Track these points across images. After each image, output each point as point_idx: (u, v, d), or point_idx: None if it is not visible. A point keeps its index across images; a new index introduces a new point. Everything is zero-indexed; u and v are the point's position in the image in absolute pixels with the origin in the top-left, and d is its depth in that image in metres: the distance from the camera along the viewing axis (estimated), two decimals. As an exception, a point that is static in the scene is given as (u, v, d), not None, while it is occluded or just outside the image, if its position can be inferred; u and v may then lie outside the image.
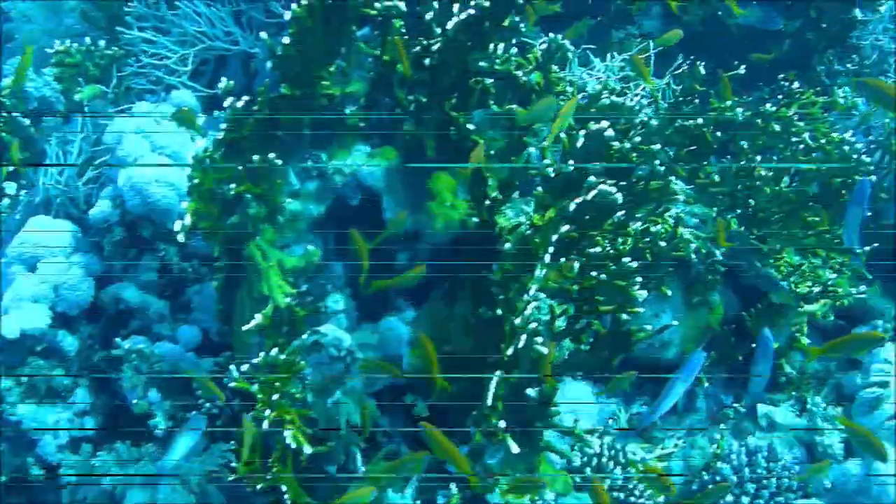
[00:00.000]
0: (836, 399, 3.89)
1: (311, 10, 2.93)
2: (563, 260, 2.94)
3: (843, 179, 3.65)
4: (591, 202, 2.72)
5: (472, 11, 2.89)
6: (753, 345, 3.69)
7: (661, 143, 3.67)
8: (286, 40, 2.94)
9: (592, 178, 2.81)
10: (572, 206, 2.73)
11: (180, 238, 2.93)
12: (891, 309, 3.99)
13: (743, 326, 3.77)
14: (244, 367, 2.98)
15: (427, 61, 3.00)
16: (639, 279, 2.89)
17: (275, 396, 2.86)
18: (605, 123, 2.79)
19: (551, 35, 3.61)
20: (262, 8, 3.93)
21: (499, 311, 2.85)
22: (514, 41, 3.79)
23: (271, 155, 3.03)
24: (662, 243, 3.14)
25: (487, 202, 3.10)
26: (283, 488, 2.85)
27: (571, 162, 2.78)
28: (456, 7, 3.05)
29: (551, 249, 2.77)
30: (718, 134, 3.68)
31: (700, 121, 3.58)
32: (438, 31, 2.98)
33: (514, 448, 2.84)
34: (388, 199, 3.29)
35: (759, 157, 3.63)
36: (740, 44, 4.35)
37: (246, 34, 3.94)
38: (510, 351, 2.75)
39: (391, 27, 3.33)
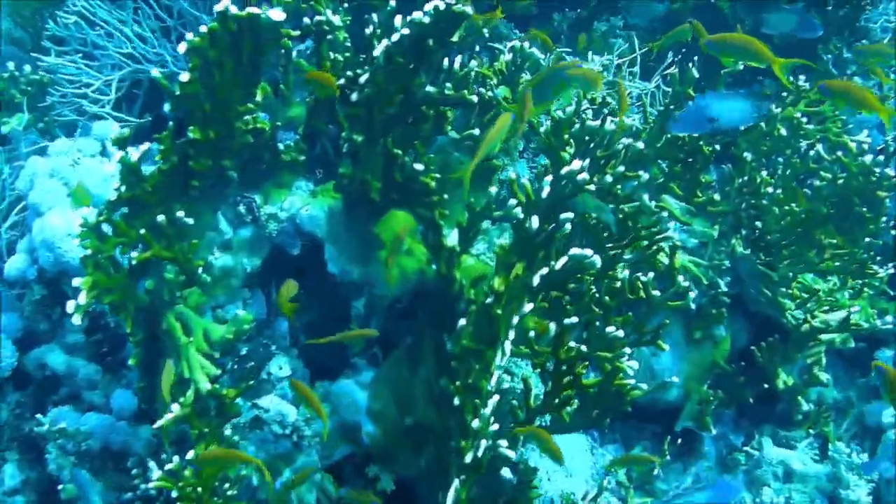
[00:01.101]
0: (860, 432, 3.18)
1: (213, 40, 2.20)
2: (533, 331, 2.23)
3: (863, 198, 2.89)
4: (562, 271, 2.00)
5: (405, 32, 2.15)
6: (766, 385, 3.00)
7: (652, 157, 2.95)
8: (185, 77, 2.22)
9: (568, 227, 2.09)
10: (536, 280, 2.01)
11: (76, 321, 2.24)
12: (920, 328, 3.26)
13: (753, 360, 3.05)
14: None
15: (354, 96, 2.28)
16: (627, 351, 2.18)
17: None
18: (576, 164, 2.05)
19: (516, 43, 2.87)
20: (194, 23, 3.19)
21: (456, 401, 2.14)
22: (476, 49, 3.09)
23: (180, 213, 2.32)
24: (657, 292, 2.42)
25: (445, 253, 2.39)
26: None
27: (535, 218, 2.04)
28: (398, 20, 2.34)
29: (512, 334, 2.05)
30: (717, 147, 2.92)
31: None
32: (379, 55, 2.25)
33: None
34: (331, 249, 2.59)
35: (764, 172, 2.87)
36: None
37: (178, 54, 3.21)
38: (469, 457, 2.04)
39: (328, 45, 2.62)
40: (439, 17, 2.19)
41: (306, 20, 2.57)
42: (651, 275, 2.41)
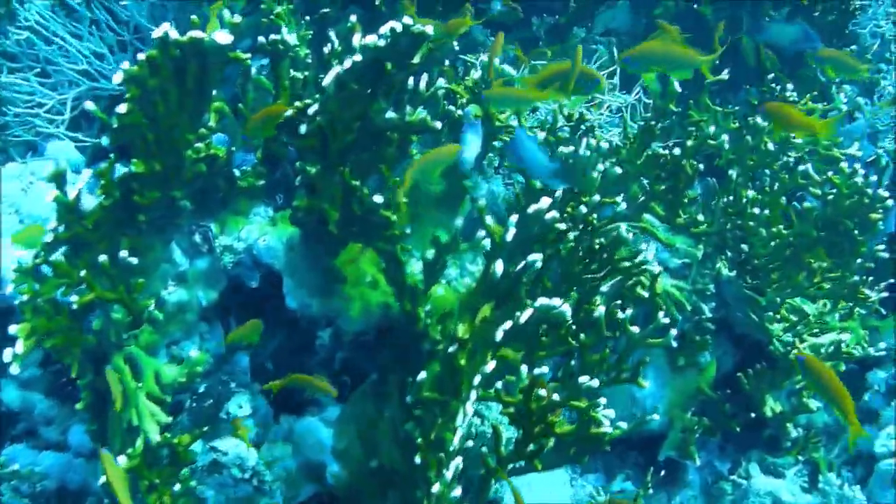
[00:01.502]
0: (852, 459, 2.98)
1: (154, 68, 1.99)
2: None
3: (857, 221, 2.67)
4: (528, 323, 1.79)
5: (357, 59, 1.94)
6: (752, 414, 2.80)
7: (633, 174, 2.74)
8: (123, 108, 2.01)
9: (538, 264, 1.89)
10: (500, 335, 1.81)
11: (14, 370, 2.04)
12: (913, 350, 3.04)
13: (739, 386, 2.84)
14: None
15: (303, 128, 2.06)
16: (602, 400, 1.98)
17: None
18: (544, 203, 1.85)
19: (485, 59, 2.66)
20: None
21: (417, 459, 1.94)
22: (446, 63, 2.88)
23: (124, 253, 2.11)
24: (635, 329, 2.22)
25: (408, 290, 2.18)
26: None
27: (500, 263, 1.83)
28: (356, 38, 2.13)
29: (474, 395, 1.84)
30: (701, 166, 2.70)
31: (677, 151, 2.61)
32: (329, 84, 2.03)
33: None
34: (289, 282, 2.38)
35: (750, 192, 2.66)
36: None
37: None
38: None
39: (289, 62, 2.41)
40: (396, 39, 1.98)
41: (262, 39, 2.36)
42: (629, 311, 2.20)
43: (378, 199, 2.13)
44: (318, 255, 2.34)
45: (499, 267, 1.82)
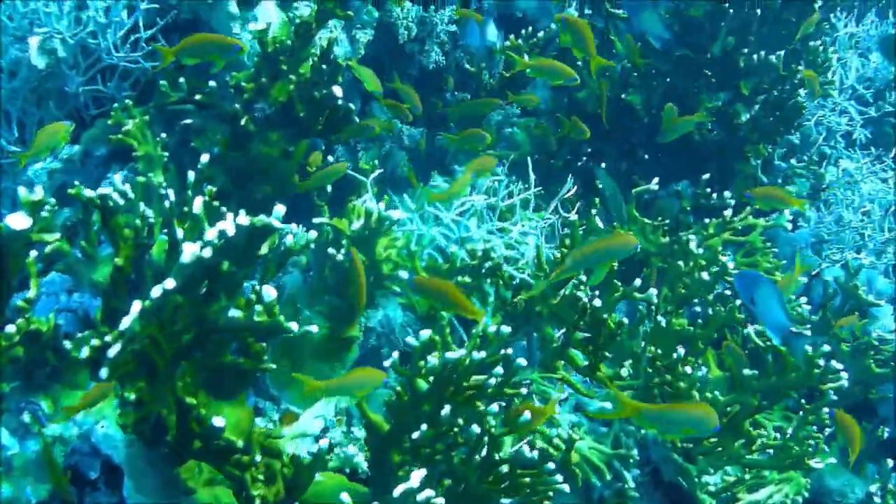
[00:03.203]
0: None
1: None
2: None
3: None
4: None
5: (169, 286, 1.40)
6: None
7: (546, 316, 2.25)
8: None
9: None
10: None
11: None
12: (855, 488, 2.58)
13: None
14: None
15: (104, 372, 1.52)
16: None
17: None
18: (415, 479, 1.34)
19: (370, 206, 2.12)
20: None
21: None
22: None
23: None
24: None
25: (262, 521, 1.68)
26: None
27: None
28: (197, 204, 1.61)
29: None
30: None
31: (598, 302, 2.09)
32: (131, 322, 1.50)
33: None
34: (130, 485, 1.85)
35: (681, 349, 2.16)
36: (650, 133, 2.87)
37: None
38: None
39: (119, 221, 1.86)
40: (233, 240, 1.45)
41: (89, 193, 1.81)
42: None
43: (219, 422, 1.60)
44: (160, 458, 1.82)
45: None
